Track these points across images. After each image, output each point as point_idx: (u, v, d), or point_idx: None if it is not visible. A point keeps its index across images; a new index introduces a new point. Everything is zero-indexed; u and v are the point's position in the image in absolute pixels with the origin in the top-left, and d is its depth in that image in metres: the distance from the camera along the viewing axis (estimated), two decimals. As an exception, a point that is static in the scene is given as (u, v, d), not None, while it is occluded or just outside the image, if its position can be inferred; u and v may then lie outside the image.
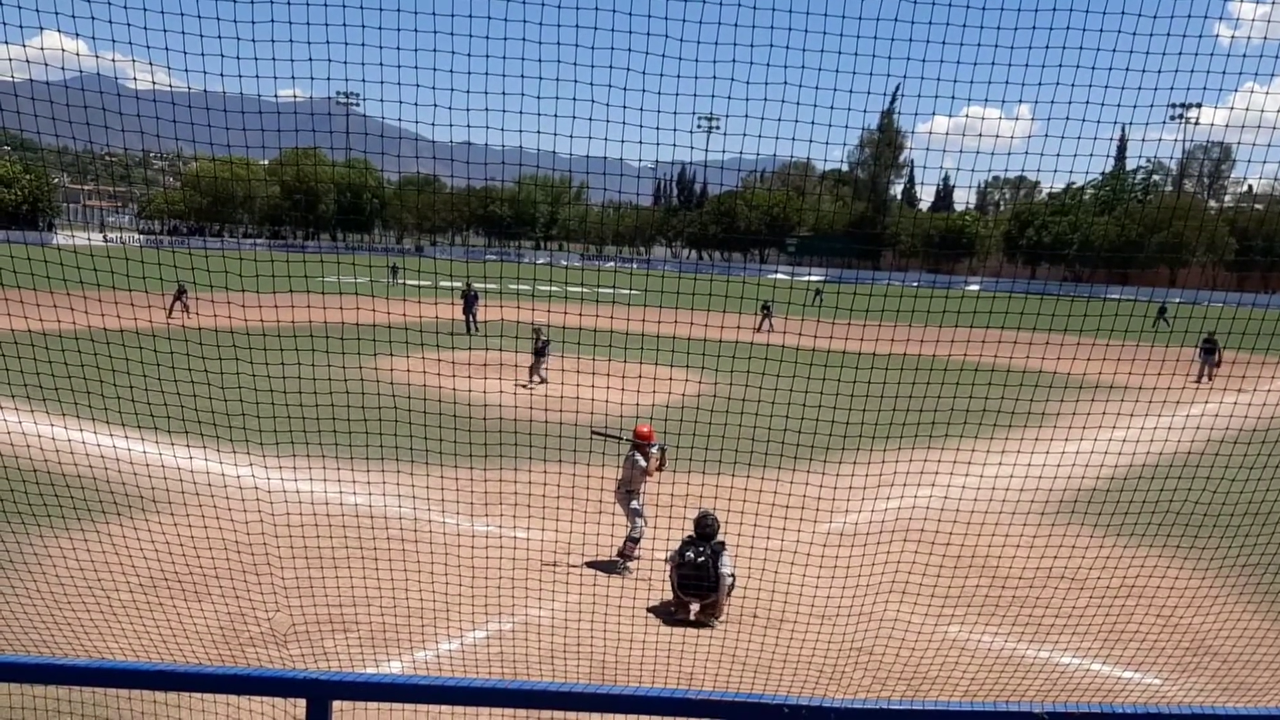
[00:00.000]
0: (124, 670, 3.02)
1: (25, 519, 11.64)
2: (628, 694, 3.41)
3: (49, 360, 11.36)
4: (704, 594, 10.87)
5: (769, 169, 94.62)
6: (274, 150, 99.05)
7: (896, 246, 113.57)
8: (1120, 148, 77.81)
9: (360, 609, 9.98)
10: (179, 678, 2.80)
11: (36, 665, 3.25)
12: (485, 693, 3.01)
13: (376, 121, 16.37)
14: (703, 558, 10.88)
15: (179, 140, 10.11)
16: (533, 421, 16.12)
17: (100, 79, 9.94)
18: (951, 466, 12.93)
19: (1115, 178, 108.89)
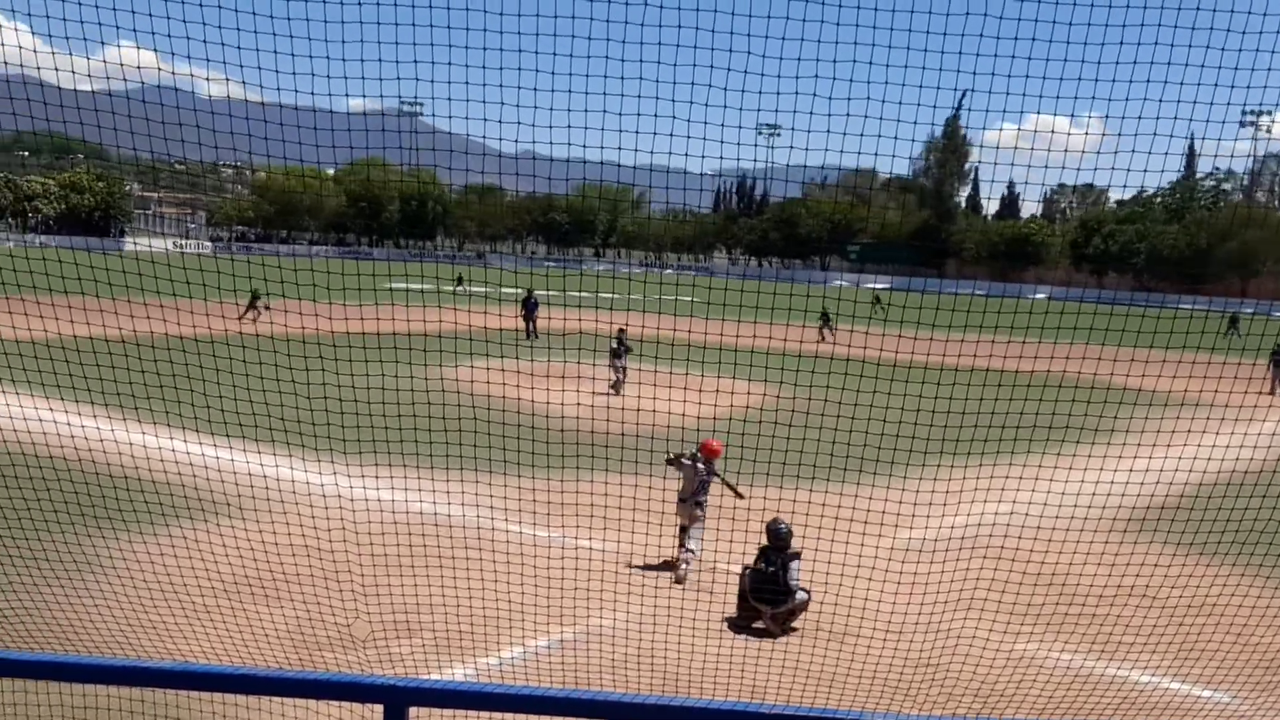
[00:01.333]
0: (208, 674, 3.08)
1: (109, 523, 11.91)
2: (695, 706, 3.40)
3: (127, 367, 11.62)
4: (775, 602, 10.86)
5: (831, 176, 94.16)
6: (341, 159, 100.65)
7: (961, 255, 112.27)
8: (1190, 156, 76.31)
9: (428, 614, 10.06)
10: (261, 682, 2.86)
11: (122, 668, 3.33)
12: (557, 702, 3.03)
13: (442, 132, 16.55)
14: (773, 568, 10.90)
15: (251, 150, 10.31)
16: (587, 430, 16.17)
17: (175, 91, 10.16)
18: (1019, 481, 12.73)
19: (1185, 186, 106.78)
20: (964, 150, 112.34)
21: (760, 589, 10.92)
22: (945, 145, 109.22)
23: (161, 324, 12.35)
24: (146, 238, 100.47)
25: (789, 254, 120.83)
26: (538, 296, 37.78)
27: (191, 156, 11.03)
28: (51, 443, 12.61)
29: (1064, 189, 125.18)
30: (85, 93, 11.49)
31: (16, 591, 10.07)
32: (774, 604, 10.90)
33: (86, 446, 11.87)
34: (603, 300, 40.55)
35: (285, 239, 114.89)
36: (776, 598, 10.86)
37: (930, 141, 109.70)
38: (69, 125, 10.43)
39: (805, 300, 11.83)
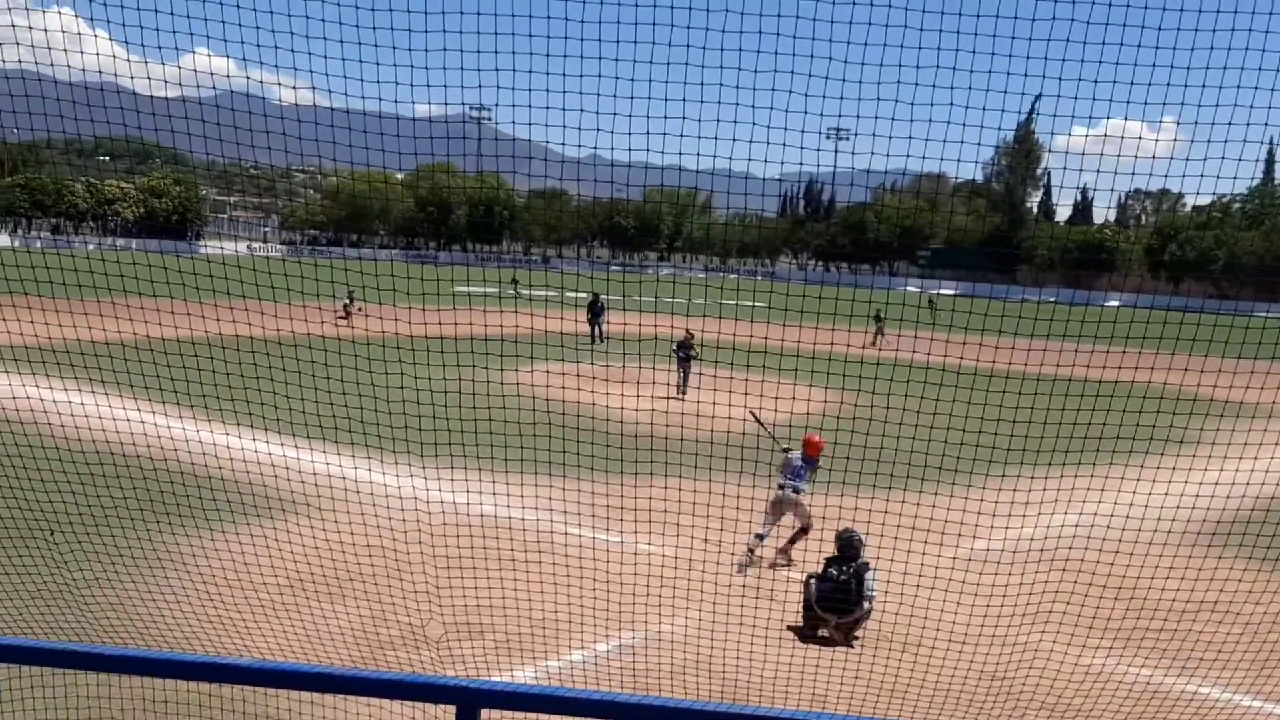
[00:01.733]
0: (286, 671, 3.13)
1: (190, 520, 12.18)
2: (758, 714, 3.38)
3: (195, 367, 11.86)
4: (843, 612, 10.74)
5: (901, 181, 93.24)
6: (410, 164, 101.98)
7: (1033, 260, 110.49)
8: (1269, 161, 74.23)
9: (493, 615, 10.13)
10: (337, 680, 2.89)
11: (204, 664, 3.39)
12: (625, 707, 3.02)
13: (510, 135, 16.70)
14: (845, 576, 10.76)
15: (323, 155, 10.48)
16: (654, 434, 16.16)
17: (248, 97, 10.35)
18: (1092, 491, 12.47)
19: (1264, 192, 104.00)
20: (1036, 154, 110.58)
21: (829, 598, 10.79)
22: (1017, 149, 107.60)
23: (237, 325, 12.59)
24: (221, 241, 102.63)
25: (857, 259, 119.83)
26: (604, 300, 37.80)
27: (265, 161, 11.25)
28: (136, 441, 12.93)
29: (1139, 194, 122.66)
30: (164, 99, 11.77)
31: (102, 586, 10.33)
32: (842, 613, 10.78)
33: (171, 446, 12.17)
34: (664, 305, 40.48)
35: (355, 242, 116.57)
36: (846, 607, 10.74)
37: (1002, 145, 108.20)
38: (148, 131, 10.68)
39: (868, 305, 11.70)
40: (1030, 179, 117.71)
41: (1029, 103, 9.24)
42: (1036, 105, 8.42)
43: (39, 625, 9.10)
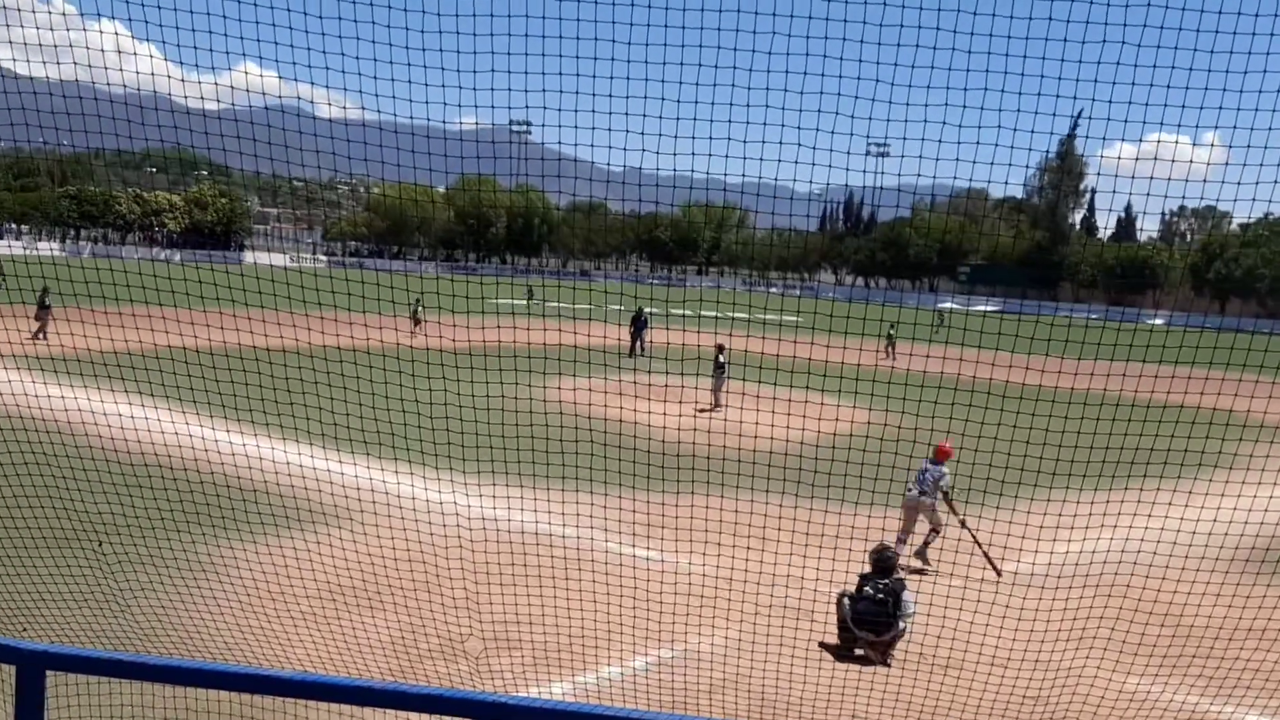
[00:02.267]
0: (325, 684, 3.14)
1: (223, 528, 12.30)
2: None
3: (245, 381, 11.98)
4: (879, 630, 10.63)
5: (942, 195, 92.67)
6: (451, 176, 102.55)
7: (1075, 277, 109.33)
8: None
9: (526, 629, 10.14)
10: (375, 693, 2.90)
11: (242, 675, 3.42)
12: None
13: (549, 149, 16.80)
14: (881, 594, 10.64)
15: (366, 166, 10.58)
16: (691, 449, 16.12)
17: (295, 114, 10.49)
18: (1131, 511, 12.29)
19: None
20: (1079, 170, 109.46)
21: (865, 617, 10.70)
22: (1060, 165, 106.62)
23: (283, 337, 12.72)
24: (265, 252, 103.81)
25: (897, 274, 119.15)
26: (647, 313, 37.79)
27: (309, 174, 11.38)
28: (180, 450, 13.07)
29: (1183, 211, 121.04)
30: (211, 112, 11.94)
31: (145, 594, 10.45)
32: (878, 632, 10.66)
33: (215, 455, 12.30)
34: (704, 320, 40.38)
35: (396, 254, 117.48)
36: (882, 626, 10.63)
37: (1044, 161, 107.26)
38: (195, 143, 10.83)
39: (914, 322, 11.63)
40: (1073, 195, 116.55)
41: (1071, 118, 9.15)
42: (1079, 120, 8.33)
43: (83, 631, 9.22)
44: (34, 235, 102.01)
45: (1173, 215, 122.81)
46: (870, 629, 10.67)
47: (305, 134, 10.50)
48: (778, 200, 11.73)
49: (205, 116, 11.04)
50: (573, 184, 53.80)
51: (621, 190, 19.76)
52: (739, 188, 9.65)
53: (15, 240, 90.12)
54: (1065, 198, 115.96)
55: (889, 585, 10.77)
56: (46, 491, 10.72)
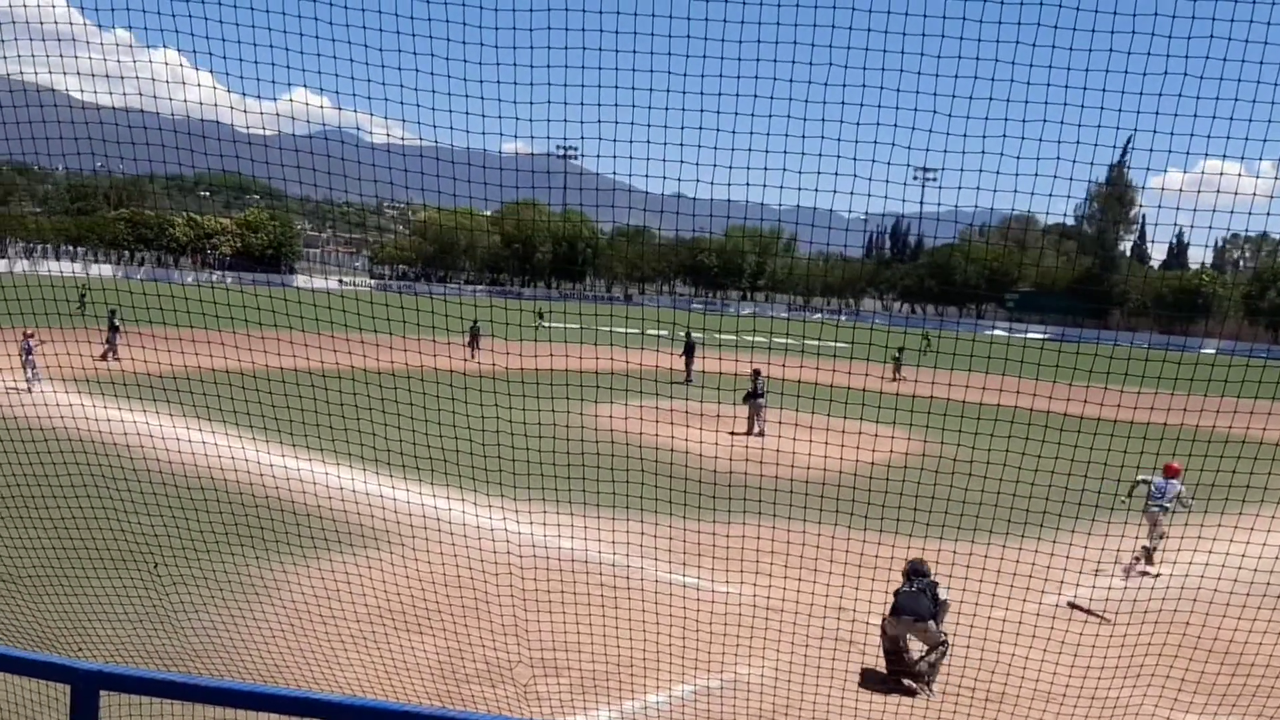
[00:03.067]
0: (373, 709, 3.16)
1: (272, 548, 12.42)
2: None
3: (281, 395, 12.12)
4: (920, 615, 10.80)
5: (989, 222, 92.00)
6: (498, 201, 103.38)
7: (1125, 305, 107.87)
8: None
9: (570, 654, 10.12)
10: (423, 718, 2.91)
11: (283, 697, 3.45)
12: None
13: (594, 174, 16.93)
14: (915, 587, 10.99)
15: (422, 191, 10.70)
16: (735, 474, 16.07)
17: (344, 136, 10.63)
18: (1186, 543, 12.07)
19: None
20: (1129, 196, 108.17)
21: (904, 605, 10.92)
22: (1109, 191, 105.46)
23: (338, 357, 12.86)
24: (314, 276, 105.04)
25: (944, 300, 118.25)
26: (695, 338, 37.84)
27: (358, 197, 11.53)
28: (230, 470, 13.25)
29: (1236, 238, 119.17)
30: (264, 137, 12.14)
31: (195, 613, 10.57)
32: (918, 615, 10.85)
33: (265, 476, 12.43)
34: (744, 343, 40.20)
35: (443, 278, 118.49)
36: (920, 610, 10.85)
37: (1094, 187, 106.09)
38: (247, 166, 11.01)
39: (954, 345, 11.54)
40: (1123, 222, 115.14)
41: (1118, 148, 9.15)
42: (1129, 146, 8.27)
43: (135, 650, 9.34)
44: (90, 257, 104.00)
45: (1225, 243, 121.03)
46: (910, 614, 10.84)
47: (356, 160, 10.63)
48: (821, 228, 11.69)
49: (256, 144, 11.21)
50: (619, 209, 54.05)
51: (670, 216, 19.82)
52: (784, 213, 9.65)
53: (71, 262, 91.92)
54: (1115, 225, 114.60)
55: (925, 583, 11.05)
56: (104, 511, 10.90)
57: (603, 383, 13.69)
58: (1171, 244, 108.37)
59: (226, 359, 12.78)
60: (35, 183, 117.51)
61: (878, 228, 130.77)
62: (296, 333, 13.26)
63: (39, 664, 3.72)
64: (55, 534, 10.57)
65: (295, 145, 10.46)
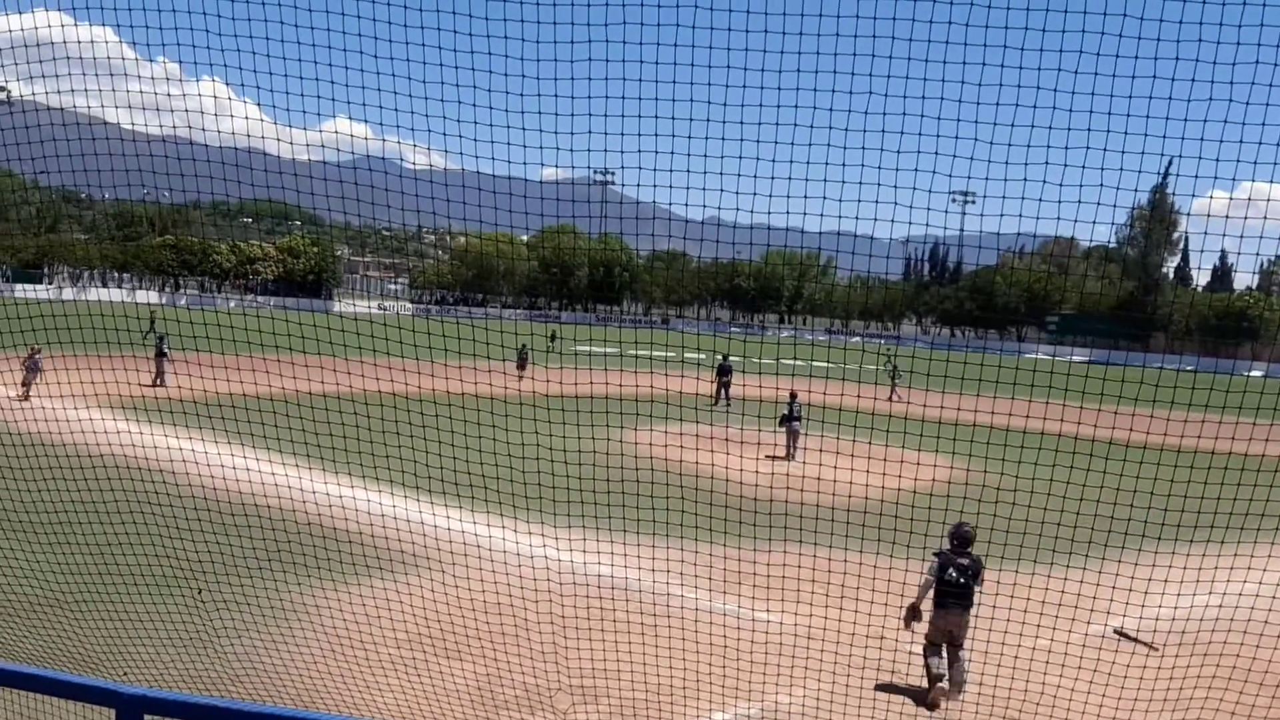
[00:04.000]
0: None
1: (310, 573, 12.50)
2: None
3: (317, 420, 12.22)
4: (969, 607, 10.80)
5: (1029, 245, 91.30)
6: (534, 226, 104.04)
7: (1169, 328, 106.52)
8: None
9: (609, 680, 10.08)
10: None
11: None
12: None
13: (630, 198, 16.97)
14: (964, 578, 10.85)
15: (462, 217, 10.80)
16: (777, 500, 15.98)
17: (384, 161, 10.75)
18: (1232, 571, 11.85)
19: None
20: (1172, 219, 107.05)
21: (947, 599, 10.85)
22: (1151, 213, 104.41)
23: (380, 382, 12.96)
24: (355, 300, 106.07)
25: (984, 324, 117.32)
26: (730, 362, 37.75)
27: (397, 222, 11.65)
28: (270, 494, 13.37)
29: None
30: (304, 163, 12.31)
31: (235, 636, 10.65)
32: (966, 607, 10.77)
33: (305, 499, 12.52)
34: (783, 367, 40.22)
35: (480, 302, 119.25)
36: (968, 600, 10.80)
37: (1136, 209, 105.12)
38: (289, 193, 11.17)
39: (997, 370, 11.45)
40: (1166, 244, 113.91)
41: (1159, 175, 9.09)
42: (1171, 168, 8.20)
43: (178, 673, 9.41)
44: (134, 284, 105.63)
45: (1271, 264, 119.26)
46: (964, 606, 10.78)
47: (397, 189, 10.75)
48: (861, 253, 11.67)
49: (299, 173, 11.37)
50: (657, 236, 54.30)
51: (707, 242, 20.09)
52: (824, 238, 9.65)
53: (117, 288, 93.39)
54: (1157, 246, 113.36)
55: (970, 564, 10.96)
56: (148, 535, 11.03)
57: (642, 409, 13.68)
58: (1216, 266, 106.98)
59: (270, 385, 12.93)
60: (82, 210, 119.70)
61: (916, 252, 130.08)
62: (339, 359, 13.39)
63: (84, 688, 3.77)
64: (100, 557, 10.70)
65: (338, 174, 10.60)
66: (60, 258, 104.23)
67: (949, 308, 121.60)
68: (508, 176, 9.86)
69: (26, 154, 10.16)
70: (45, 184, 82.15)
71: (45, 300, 28.29)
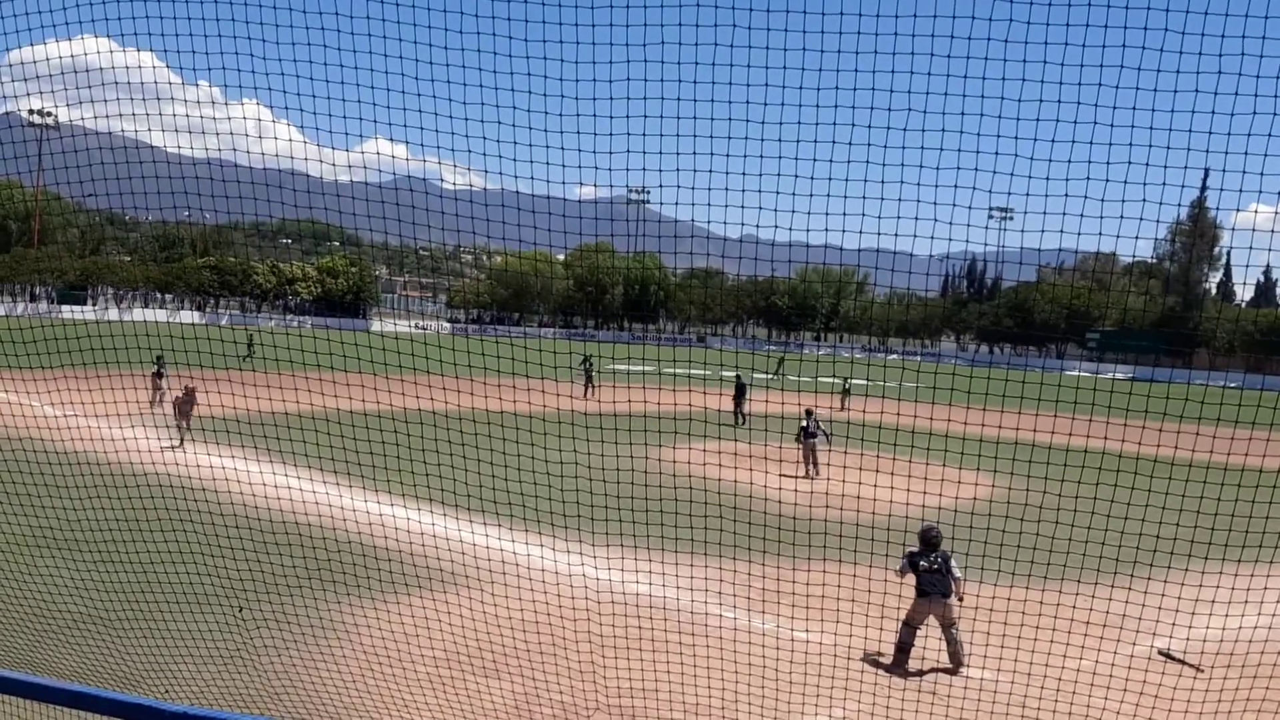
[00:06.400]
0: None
1: (346, 591, 12.56)
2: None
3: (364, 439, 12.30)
4: (946, 592, 11.89)
5: (1068, 261, 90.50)
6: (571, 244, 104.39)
7: (1211, 344, 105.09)
8: None
9: (647, 699, 10.03)
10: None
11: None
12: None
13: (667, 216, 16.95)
14: (936, 565, 11.99)
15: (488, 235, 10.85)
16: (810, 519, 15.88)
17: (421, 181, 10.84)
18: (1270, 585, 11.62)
19: None
20: (1212, 233, 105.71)
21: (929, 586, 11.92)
22: (1191, 228, 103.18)
23: (400, 398, 13.01)
24: (394, 320, 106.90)
25: (1023, 340, 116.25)
26: (745, 381, 37.68)
27: (435, 243, 11.74)
28: (308, 510, 13.46)
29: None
30: (343, 183, 12.44)
31: (273, 652, 10.71)
32: (945, 594, 11.88)
33: (342, 516, 12.59)
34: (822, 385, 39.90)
35: (517, 321, 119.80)
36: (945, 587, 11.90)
37: (1175, 224, 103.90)
38: (328, 213, 11.29)
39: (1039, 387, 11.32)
40: (1207, 258, 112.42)
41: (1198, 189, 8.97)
42: (1209, 180, 8.10)
43: (219, 691, 9.47)
44: (177, 304, 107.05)
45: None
46: (939, 593, 11.89)
47: (433, 208, 10.82)
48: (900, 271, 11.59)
49: (343, 195, 11.49)
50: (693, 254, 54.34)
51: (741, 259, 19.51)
52: (860, 255, 9.60)
53: (160, 309, 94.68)
54: (1198, 260, 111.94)
55: (939, 555, 12.08)
56: (189, 553, 11.14)
57: (680, 426, 13.66)
58: (1260, 280, 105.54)
59: (310, 402, 13.03)
60: (125, 231, 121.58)
61: (953, 270, 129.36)
62: (378, 377, 13.48)
63: (125, 705, 3.78)
64: (142, 575, 10.81)
65: (379, 194, 10.69)
66: (104, 279, 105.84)
67: (986, 324, 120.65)
68: (545, 196, 9.93)
69: (74, 177, 10.33)
70: (90, 207, 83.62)
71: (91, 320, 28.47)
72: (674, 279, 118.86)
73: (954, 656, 11.91)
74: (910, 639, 11.98)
